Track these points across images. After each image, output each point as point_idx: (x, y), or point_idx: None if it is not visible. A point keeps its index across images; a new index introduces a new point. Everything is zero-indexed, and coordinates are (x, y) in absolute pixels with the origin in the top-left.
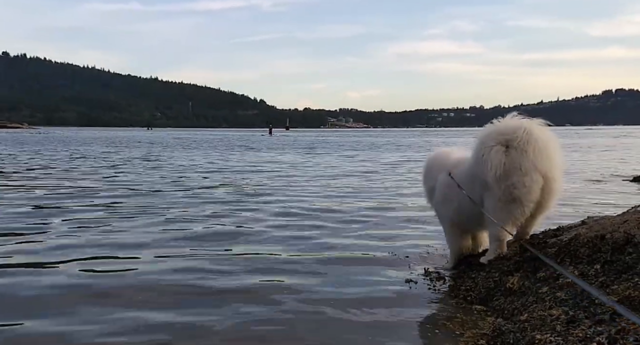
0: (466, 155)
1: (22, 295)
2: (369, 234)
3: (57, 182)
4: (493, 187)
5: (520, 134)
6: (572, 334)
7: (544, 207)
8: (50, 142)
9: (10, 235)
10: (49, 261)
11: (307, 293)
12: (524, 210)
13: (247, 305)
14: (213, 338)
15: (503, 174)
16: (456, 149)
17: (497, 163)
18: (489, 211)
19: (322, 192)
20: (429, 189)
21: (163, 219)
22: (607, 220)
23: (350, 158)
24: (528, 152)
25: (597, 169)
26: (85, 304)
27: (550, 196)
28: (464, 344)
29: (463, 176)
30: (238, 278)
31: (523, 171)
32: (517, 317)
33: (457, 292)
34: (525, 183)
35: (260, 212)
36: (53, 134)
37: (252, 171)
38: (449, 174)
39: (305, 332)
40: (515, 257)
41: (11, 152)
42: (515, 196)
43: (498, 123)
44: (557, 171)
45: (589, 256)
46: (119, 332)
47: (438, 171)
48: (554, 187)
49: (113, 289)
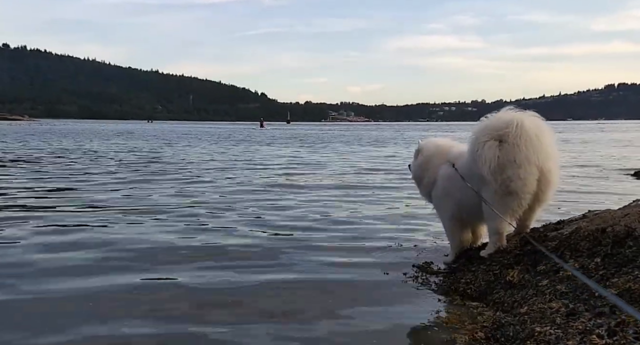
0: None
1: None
2: (366, 228)
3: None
4: (489, 181)
5: (512, 128)
6: (572, 327)
7: (541, 199)
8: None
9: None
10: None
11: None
12: (520, 203)
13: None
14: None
15: (498, 168)
16: (450, 140)
17: (491, 157)
18: (486, 205)
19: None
20: (427, 182)
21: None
22: (608, 214)
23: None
24: (520, 146)
25: (598, 163)
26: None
27: (547, 188)
28: (463, 336)
29: (464, 170)
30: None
31: (517, 164)
32: (517, 310)
33: (457, 286)
34: (520, 175)
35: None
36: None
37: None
38: (453, 165)
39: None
40: (515, 250)
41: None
42: (512, 189)
43: (491, 117)
44: (553, 162)
45: (589, 249)
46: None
47: (439, 163)
48: (550, 179)
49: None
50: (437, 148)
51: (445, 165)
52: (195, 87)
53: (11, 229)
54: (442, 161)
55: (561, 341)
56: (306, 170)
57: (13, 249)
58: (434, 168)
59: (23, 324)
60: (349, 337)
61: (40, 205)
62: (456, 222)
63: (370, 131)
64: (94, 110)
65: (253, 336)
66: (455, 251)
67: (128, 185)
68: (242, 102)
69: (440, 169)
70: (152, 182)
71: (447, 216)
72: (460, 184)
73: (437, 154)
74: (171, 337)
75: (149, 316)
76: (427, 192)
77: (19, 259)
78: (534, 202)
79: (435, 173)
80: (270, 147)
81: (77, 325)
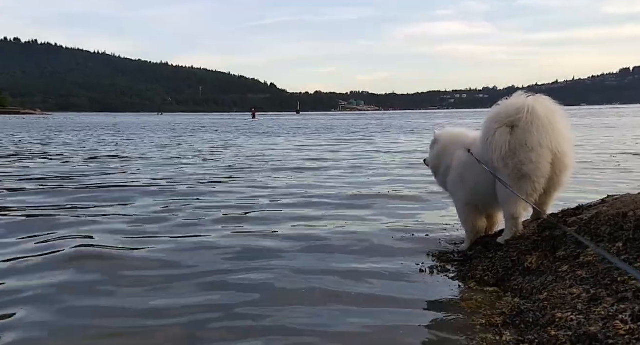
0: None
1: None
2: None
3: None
4: (499, 168)
5: (524, 114)
6: (594, 312)
7: (557, 182)
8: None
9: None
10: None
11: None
12: (534, 186)
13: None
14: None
15: (510, 152)
16: (465, 129)
17: (502, 143)
18: (501, 190)
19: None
20: (444, 170)
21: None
22: (628, 198)
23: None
24: (532, 130)
25: (616, 148)
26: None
27: (562, 171)
28: (481, 321)
29: (479, 155)
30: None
31: (529, 147)
32: (536, 296)
33: (474, 273)
34: (532, 159)
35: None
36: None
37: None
38: (469, 150)
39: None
40: (533, 236)
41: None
42: (525, 172)
43: (502, 104)
44: (567, 145)
45: (610, 234)
46: None
47: (454, 149)
48: (565, 162)
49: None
50: (452, 137)
51: (461, 151)
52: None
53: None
54: (458, 148)
55: (583, 327)
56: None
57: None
58: (449, 155)
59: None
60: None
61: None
62: (471, 208)
63: (395, 119)
64: (105, 103)
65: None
66: (471, 238)
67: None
68: (252, 93)
69: (455, 155)
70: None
71: (461, 202)
72: (475, 170)
73: (453, 142)
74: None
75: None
76: (443, 181)
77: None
78: (550, 186)
79: (450, 160)
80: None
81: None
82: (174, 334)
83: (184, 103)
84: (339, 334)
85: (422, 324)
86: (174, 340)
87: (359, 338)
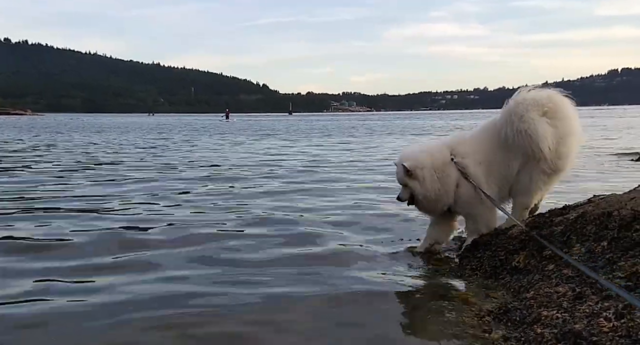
0: (465, 134)
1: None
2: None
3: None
4: (542, 159)
5: (555, 104)
6: (579, 310)
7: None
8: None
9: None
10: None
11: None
12: (558, 179)
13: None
14: None
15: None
16: (428, 142)
17: (549, 133)
18: (526, 182)
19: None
20: (448, 189)
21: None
22: (614, 198)
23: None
24: (568, 123)
25: (604, 148)
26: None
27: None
28: (469, 320)
29: (485, 152)
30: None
31: (565, 140)
32: (524, 295)
33: (462, 272)
34: (567, 153)
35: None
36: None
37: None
38: (452, 159)
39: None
40: (520, 236)
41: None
42: (559, 166)
43: (527, 94)
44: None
45: (595, 234)
46: None
47: (447, 162)
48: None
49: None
50: (432, 155)
51: (467, 160)
52: (197, 79)
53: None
54: (448, 161)
55: (568, 324)
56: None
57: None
58: (448, 171)
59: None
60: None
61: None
62: (493, 207)
63: (397, 120)
64: (97, 104)
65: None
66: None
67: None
68: (245, 94)
69: (459, 164)
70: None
71: (486, 204)
72: (497, 158)
73: (438, 158)
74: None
75: None
76: (448, 202)
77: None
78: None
79: (452, 176)
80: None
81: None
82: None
83: (177, 104)
84: (323, 328)
85: (409, 322)
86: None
87: (346, 332)
